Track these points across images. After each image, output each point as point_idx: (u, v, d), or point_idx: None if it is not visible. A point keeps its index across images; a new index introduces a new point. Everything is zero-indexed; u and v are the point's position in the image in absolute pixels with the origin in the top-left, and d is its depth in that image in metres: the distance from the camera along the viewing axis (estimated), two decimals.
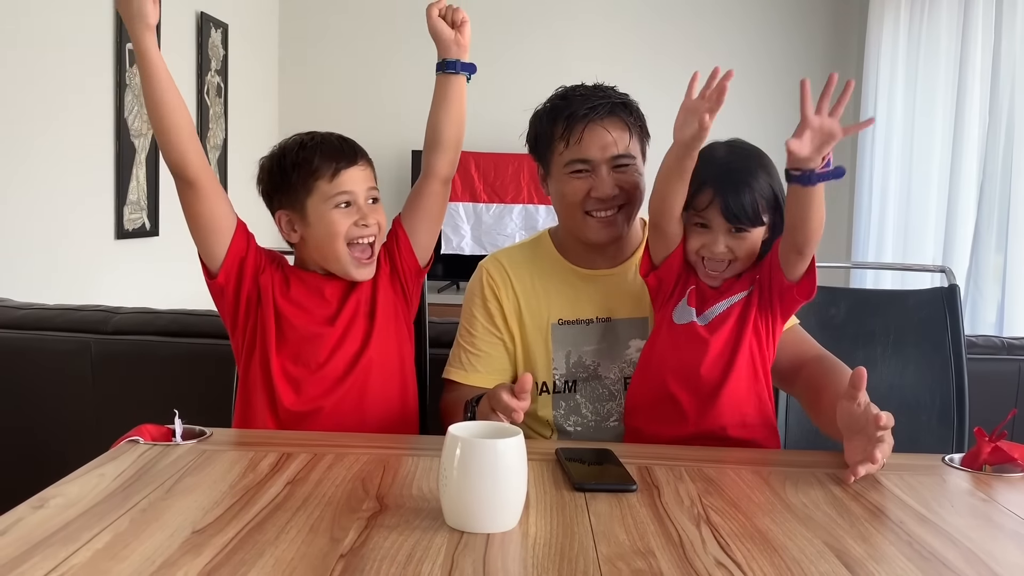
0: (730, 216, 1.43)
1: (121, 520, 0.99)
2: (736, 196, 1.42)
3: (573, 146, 1.58)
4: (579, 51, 4.90)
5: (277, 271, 1.56)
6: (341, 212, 1.51)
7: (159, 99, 1.43)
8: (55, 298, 2.37)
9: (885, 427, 1.21)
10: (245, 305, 1.53)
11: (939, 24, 4.02)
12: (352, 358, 1.53)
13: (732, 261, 1.47)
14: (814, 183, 1.33)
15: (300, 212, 1.53)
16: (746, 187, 1.43)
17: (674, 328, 1.51)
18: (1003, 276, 3.46)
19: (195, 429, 1.35)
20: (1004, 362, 2.14)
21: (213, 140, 3.92)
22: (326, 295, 1.55)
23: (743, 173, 1.44)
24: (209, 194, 1.49)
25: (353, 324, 1.54)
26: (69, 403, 2.10)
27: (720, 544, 0.98)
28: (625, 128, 1.60)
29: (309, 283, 1.56)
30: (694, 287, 1.51)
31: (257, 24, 4.65)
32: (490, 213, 4.73)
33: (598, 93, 1.61)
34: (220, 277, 1.51)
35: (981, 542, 1.01)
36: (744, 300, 1.49)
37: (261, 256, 1.56)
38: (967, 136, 3.75)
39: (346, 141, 1.56)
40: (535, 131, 1.66)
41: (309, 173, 1.51)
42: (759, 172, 1.45)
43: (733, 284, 1.50)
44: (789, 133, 1.35)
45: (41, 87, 2.64)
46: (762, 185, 1.44)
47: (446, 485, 1.00)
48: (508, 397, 1.29)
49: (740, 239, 1.45)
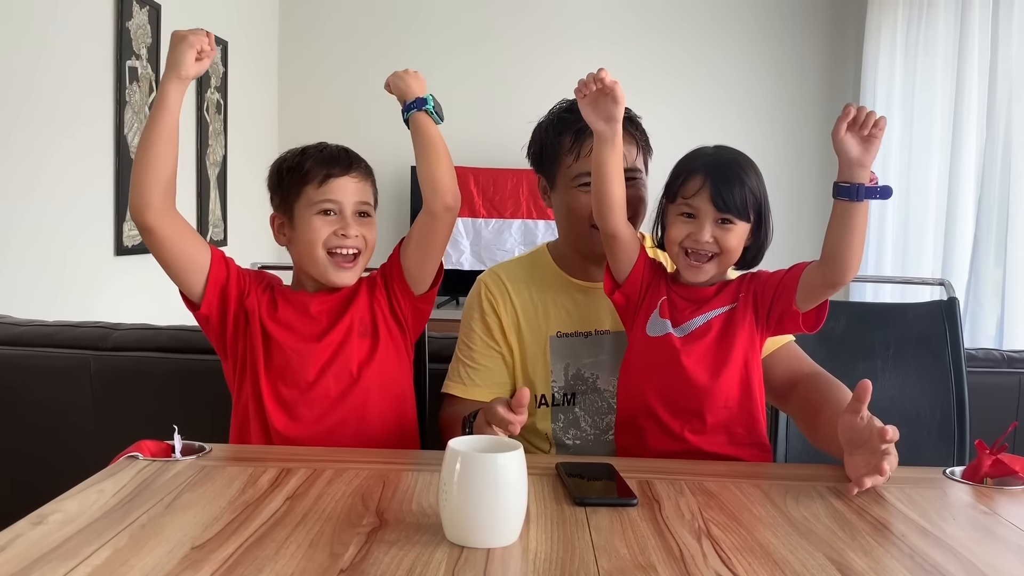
0: (719, 203, 1.42)
1: (120, 536, 0.99)
2: (727, 184, 1.42)
3: (583, 159, 1.58)
4: (578, 66, 4.89)
5: (264, 293, 1.55)
6: (323, 219, 1.51)
7: (154, 147, 1.42)
8: (55, 314, 2.37)
9: (892, 440, 1.21)
10: (233, 329, 1.53)
11: (936, 35, 4.04)
12: (348, 380, 1.51)
13: (716, 256, 1.45)
14: (861, 198, 1.32)
15: (289, 216, 1.54)
16: (737, 178, 1.43)
17: (648, 342, 1.49)
18: (1002, 289, 3.46)
19: (194, 445, 1.34)
20: (1004, 375, 2.14)
21: (213, 156, 3.93)
22: (312, 312, 1.53)
23: (734, 164, 1.45)
24: (170, 240, 1.45)
25: (347, 344, 1.52)
26: (68, 419, 2.09)
27: (721, 558, 0.97)
28: (633, 142, 1.61)
29: (294, 302, 1.55)
30: (664, 298, 1.49)
31: (257, 41, 4.68)
32: (489, 228, 4.74)
33: None
34: (203, 308, 1.50)
35: (983, 555, 1.01)
36: (726, 315, 1.47)
37: (244, 279, 1.55)
38: (965, 148, 3.77)
39: (347, 152, 1.57)
40: (540, 143, 1.66)
41: (300, 177, 1.52)
42: (749, 170, 1.45)
43: (712, 298, 1.48)
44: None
45: (42, 103, 2.65)
46: (752, 182, 1.44)
47: (446, 500, 1.00)
48: (504, 410, 1.28)
49: (726, 230, 1.43)
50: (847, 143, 1.31)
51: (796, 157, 4.95)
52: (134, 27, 3.13)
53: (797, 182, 4.88)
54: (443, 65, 4.99)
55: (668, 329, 1.47)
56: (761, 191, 1.46)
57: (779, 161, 4.82)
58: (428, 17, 5.00)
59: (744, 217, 1.44)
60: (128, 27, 3.09)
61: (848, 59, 4.99)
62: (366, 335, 1.54)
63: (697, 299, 1.49)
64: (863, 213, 1.34)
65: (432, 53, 4.98)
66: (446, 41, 5.00)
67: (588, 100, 1.42)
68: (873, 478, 1.20)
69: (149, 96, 3.27)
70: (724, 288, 1.49)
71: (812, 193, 4.89)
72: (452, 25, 5.01)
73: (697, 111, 4.96)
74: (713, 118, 4.93)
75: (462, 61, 5.00)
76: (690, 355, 1.45)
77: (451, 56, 5.00)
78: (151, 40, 3.26)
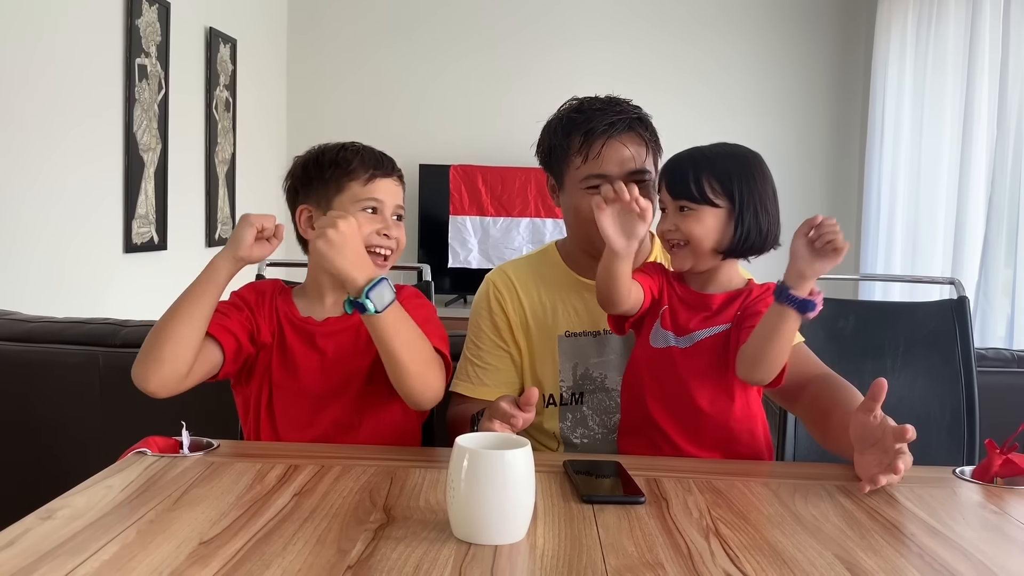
0: (673, 191, 1.42)
1: (128, 531, 0.99)
2: (680, 170, 1.41)
3: (591, 161, 1.56)
4: (587, 64, 4.92)
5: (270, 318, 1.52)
6: (366, 216, 1.50)
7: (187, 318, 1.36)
8: (64, 311, 2.38)
9: (910, 439, 1.19)
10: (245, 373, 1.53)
11: (946, 32, 4.02)
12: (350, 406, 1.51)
13: (685, 243, 1.42)
14: (781, 300, 1.27)
15: (325, 209, 1.51)
16: (691, 164, 1.41)
17: (651, 353, 1.48)
18: (1013, 289, 3.44)
19: (202, 441, 1.35)
20: (1015, 375, 2.13)
21: (222, 154, 3.94)
22: (319, 345, 1.51)
23: (693, 152, 1.44)
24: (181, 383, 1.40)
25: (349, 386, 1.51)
26: (77, 415, 2.10)
27: (729, 556, 0.97)
28: (643, 143, 1.59)
29: (302, 332, 1.52)
30: (667, 307, 1.48)
31: (266, 39, 4.68)
32: (497, 227, 4.74)
33: (614, 107, 1.59)
34: (222, 374, 1.48)
35: (993, 555, 1.00)
36: (728, 334, 1.44)
37: (250, 320, 1.50)
38: (975, 148, 3.75)
39: (386, 155, 1.57)
40: (548, 143, 1.64)
41: (345, 172, 1.51)
42: (721, 156, 1.42)
43: (718, 310, 1.46)
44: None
45: (51, 100, 2.66)
46: (718, 167, 1.40)
47: (453, 496, 1.00)
48: (509, 406, 1.28)
49: (684, 217, 1.41)
50: (797, 249, 1.28)
51: (808, 155, 4.94)
52: (143, 24, 3.14)
53: (808, 179, 4.87)
54: (452, 63, 4.99)
55: (670, 341, 1.46)
56: (735, 176, 1.40)
57: (790, 158, 4.81)
58: (437, 14, 5.00)
59: (701, 201, 1.40)
60: (137, 24, 3.09)
61: (858, 57, 4.98)
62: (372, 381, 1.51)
63: (702, 306, 1.46)
64: (788, 322, 1.28)
65: (442, 50, 4.98)
66: (456, 38, 5.00)
67: (611, 213, 1.37)
68: (888, 476, 1.19)
69: (158, 93, 3.27)
70: (731, 301, 1.46)
71: (823, 189, 4.89)
72: (461, 23, 5.01)
73: (707, 109, 4.94)
74: (724, 116, 4.92)
75: (471, 59, 5.00)
76: (692, 373, 1.44)
77: (460, 54, 5.00)
78: (160, 38, 3.27)
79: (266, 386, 1.51)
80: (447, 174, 4.75)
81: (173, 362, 1.36)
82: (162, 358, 1.36)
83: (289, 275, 1.81)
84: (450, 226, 4.75)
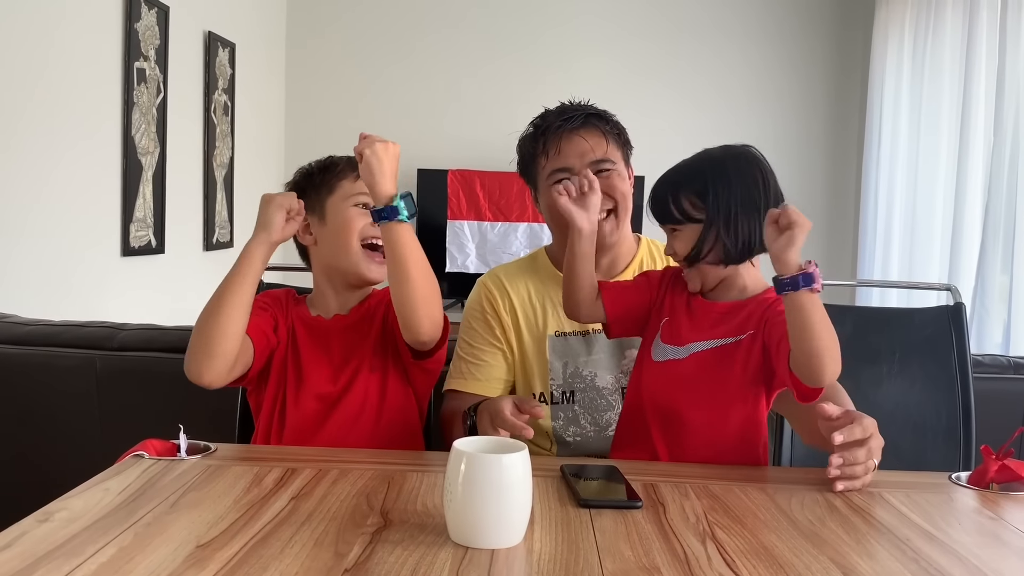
0: (659, 217, 1.44)
1: (125, 534, 0.99)
2: (661, 195, 1.42)
3: (553, 157, 1.64)
4: (585, 71, 4.93)
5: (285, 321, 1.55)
6: (358, 211, 1.52)
7: (229, 308, 1.38)
8: (61, 314, 2.38)
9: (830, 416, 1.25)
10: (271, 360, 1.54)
11: (944, 38, 4.04)
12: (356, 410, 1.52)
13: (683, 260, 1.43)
14: (781, 291, 1.25)
15: (319, 212, 1.54)
16: (670, 186, 1.42)
17: (652, 366, 1.47)
18: (1009, 296, 3.46)
19: (200, 444, 1.35)
20: (1011, 381, 2.14)
21: (220, 158, 3.94)
22: (332, 346, 1.53)
23: (673, 172, 1.44)
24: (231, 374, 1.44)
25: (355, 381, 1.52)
26: (74, 418, 2.10)
27: (726, 560, 0.97)
28: (601, 135, 1.65)
29: (314, 330, 1.54)
30: (667, 318, 1.47)
31: (264, 44, 4.69)
32: (495, 231, 4.74)
33: (572, 108, 1.69)
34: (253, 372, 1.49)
35: (988, 560, 1.01)
36: (733, 346, 1.41)
37: (273, 317, 1.53)
38: (972, 155, 3.76)
39: None
40: (521, 153, 1.73)
41: (333, 174, 1.55)
42: (696, 171, 1.41)
43: (721, 318, 1.43)
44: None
45: (50, 104, 2.66)
46: (696, 183, 1.39)
47: (451, 500, 1.00)
48: (512, 411, 1.30)
49: (678, 239, 1.43)
50: (768, 236, 1.28)
51: (805, 162, 4.94)
52: (142, 28, 3.14)
53: (806, 186, 4.87)
54: (450, 68, 5.00)
55: (669, 355, 1.45)
56: (711, 185, 1.38)
57: (787, 166, 4.79)
58: (436, 20, 5.00)
59: (685, 220, 1.40)
60: (136, 28, 3.10)
61: (855, 65, 4.99)
62: (376, 370, 1.53)
63: (704, 315, 1.44)
64: (809, 304, 1.24)
65: (440, 55, 4.99)
66: (454, 44, 5.01)
67: (574, 200, 1.46)
68: (848, 483, 1.23)
69: (157, 97, 3.28)
70: (736, 310, 1.43)
71: (820, 197, 4.90)
72: (460, 28, 5.02)
73: (708, 114, 4.95)
74: (723, 123, 4.93)
75: (469, 63, 5.01)
76: (684, 387, 1.42)
77: (458, 58, 5.01)
78: (159, 41, 3.27)
79: (281, 389, 1.52)
80: (445, 179, 4.75)
81: (224, 355, 1.39)
82: (213, 352, 1.38)
83: (286, 279, 1.82)
84: (448, 231, 4.75)
